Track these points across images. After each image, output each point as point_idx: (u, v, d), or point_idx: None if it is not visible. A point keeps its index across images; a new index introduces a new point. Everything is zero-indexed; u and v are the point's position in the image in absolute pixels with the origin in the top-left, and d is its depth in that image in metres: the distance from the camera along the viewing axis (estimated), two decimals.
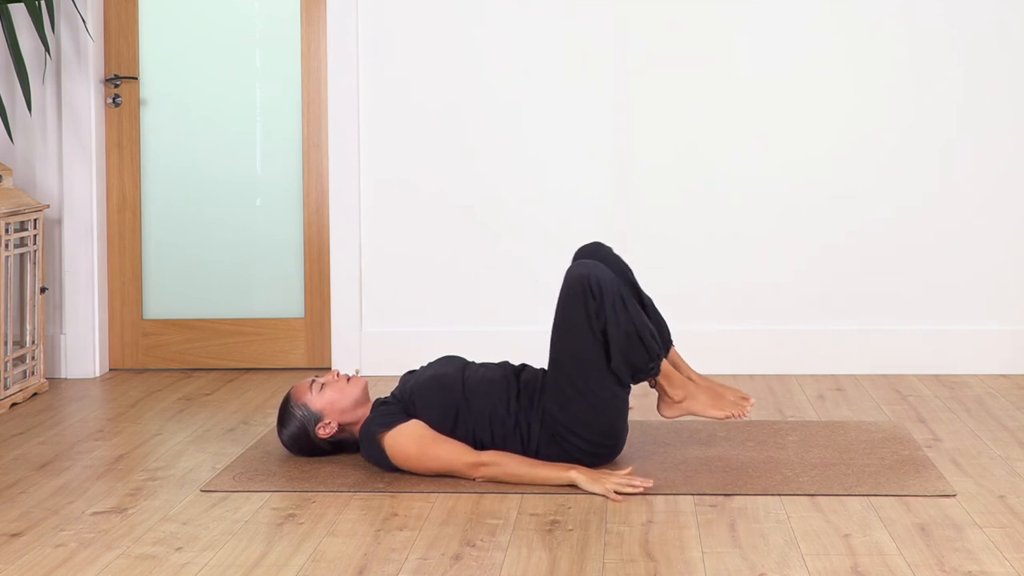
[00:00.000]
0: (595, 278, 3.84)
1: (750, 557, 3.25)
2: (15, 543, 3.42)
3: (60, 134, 5.58)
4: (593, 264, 3.89)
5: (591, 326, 3.84)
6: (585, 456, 3.95)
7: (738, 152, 5.53)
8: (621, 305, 3.85)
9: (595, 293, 3.83)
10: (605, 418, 3.91)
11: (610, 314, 3.83)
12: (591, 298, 3.84)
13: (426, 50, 5.57)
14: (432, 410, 3.97)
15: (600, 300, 3.83)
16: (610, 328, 3.84)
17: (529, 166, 5.57)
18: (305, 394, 4.08)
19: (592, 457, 3.96)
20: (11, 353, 5.13)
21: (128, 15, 5.68)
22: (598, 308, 3.84)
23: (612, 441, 3.97)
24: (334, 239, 5.60)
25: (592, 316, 3.84)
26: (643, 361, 3.89)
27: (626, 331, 3.84)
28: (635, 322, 3.85)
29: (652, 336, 3.90)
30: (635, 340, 3.85)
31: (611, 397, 3.91)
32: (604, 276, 3.86)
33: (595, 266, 3.88)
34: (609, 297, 3.84)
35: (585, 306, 3.84)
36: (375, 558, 3.27)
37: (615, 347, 3.85)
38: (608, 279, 3.86)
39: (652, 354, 3.90)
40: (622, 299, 3.86)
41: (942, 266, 5.51)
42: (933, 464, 4.04)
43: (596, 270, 3.86)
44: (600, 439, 3.93)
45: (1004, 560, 3.20)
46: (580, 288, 3.85)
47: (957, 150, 5.49)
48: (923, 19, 5.46)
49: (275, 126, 5.70)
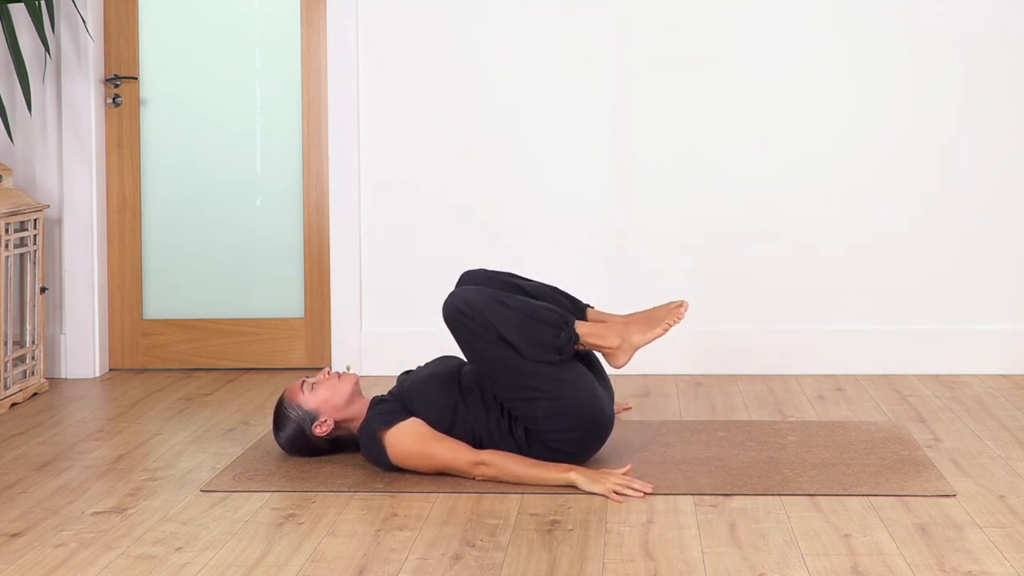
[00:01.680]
0: (460, 301, 3.91)
1: (750, 557, 3.25)
2: (15, 543, 3.42)
3: (60, 134, 5.58)
4: (453, 294, 3.95)
5: (487, 339, 3.88)
6: (574, 444, 3.93)
7: (738, 152, 5.53)
8: (498, 305, 3.89)
9: (468, 313, 3.89)
10: (567, 403, 3.89)
11: (493, 319, 3.87)
12: (468, 319, 3.89)
13: (426, 50, 5.57)
14: (430, 408, 3.97)
15: (477, 315, 3.88)
16: (502, 329, 3.87)
17: (529, 166, 5.57)
18: (298, 395, 4.08)
19: (582, 443, 3.94)
20: (11, 353, 5.14)
21: (128, 15, 5.68)
22: (480, 323, 3.88)
23: (590, 420, 3.92)
24: (334, 239, 5.60)
25: (481, 332, 3.88)
26: (551, 335, 3.89)
27: (516, 322, 3.87)
28: (520, 310, 3.89)
29: (547, 310, 3.92)
30: (530, 323, 3.88)
31: (557, 382, 3.89)
32: (467, 295, 3.92)
33: (454, 294, 3.94)
34: (481, 307, 3.88)
35: (469, 330, 3.89)
36: (375, 558, 3.27)
37: (517, 341, 3.87)
38: (472, 295, 3.91)
39: (555, 324, 3.90)
40: (496, 300, 3.90)
41: (942, 266, 5.51)
42: (933, 464, 4.04)
43: (456, 296, 3.93)
44: (576, 424, 3.91)
45: (1004, 560, 3.20)
46: (453, 319, 3.92)
47: (957, 150, 5.49)
48: (923, 19, 5.46)
49: (275, 126, 5.70)
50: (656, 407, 4.90)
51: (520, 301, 3.93)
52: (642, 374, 5.48)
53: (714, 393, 5.16)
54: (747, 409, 4.87)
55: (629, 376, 5.43)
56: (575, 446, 3.94)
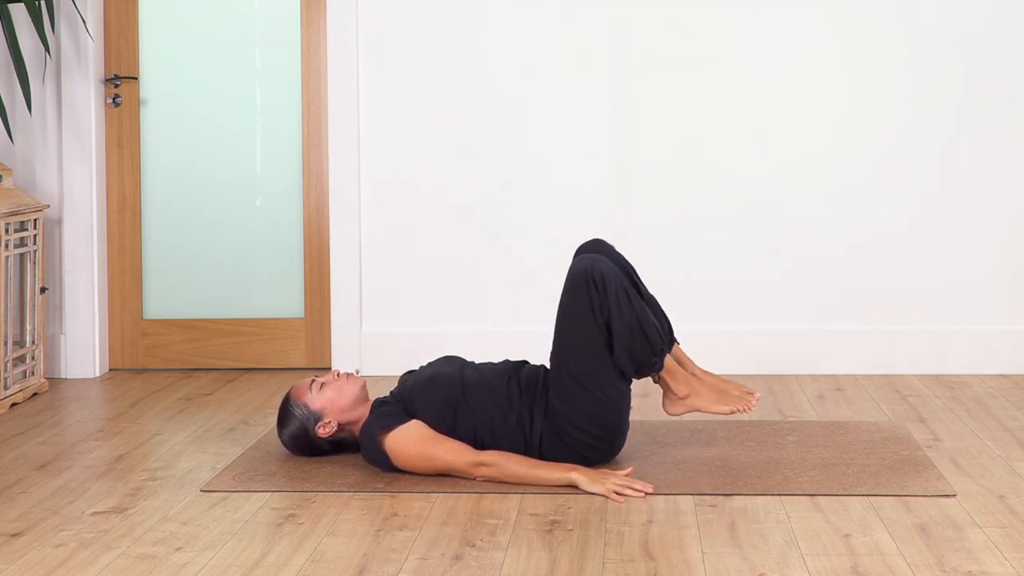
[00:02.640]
0: (599, 271, 3.86)
1: (750, 557, 3.25)
2: (15, 543, 3.42)
3: (60, 134, 5.58)
4: (597, 258, 3.90)
5: (595, 318, 3.86)
6: (587, 451, 3.95)
7: (738, 152, 5.53)
8: (625, 298, 3.86)
9: (599, 285, 3.85)
10: (608, 412, 3.92)
11: (614, 306, 3.85)
12: (595, 290, 3.85)
13: (426, 50, 5.57)
14: (432, 410, 3.97)
15: (604, 292, 3.85)
16: (614, 320, 3.85)
17: (529, 166, 5.57)
18: (305, 394, 4.08)
19: (593, 452, 3.96)
20: (11, 353, 5.13)
21: (128, 15, 5.68)
22: (601, 300, 3.85)
23: (614, 438, 3.97)
24: (334, 239, 5.60)
25: (596, 308, 3.85)
26: (646, 355, 3.89)
27: (630, 324, 3.85)
28: (638, 315, 3.87)
29: (656, 330, 3.91)
30: (638, 333, 3.86)
31: (614, 391, 3.91)
32: (608, 269, 3.87)
33: (599, 259, 3.90)
34: (612, 290, 3.85)
35: (589, 298, 3.85)
36: (375, 558, 3.27)
37: (618, 340, 3.86)
38: (611, 272, 3.87)
39: (655, 348, 3.90)
40: (626, 292, 3.87)
41: (942, 266, 5.51)
42: (933, 464, 4.04)
43: (600, 263, 3.88)
44: (603, 433, 3.93)
45: (1004, 560, 3.20)
46: (584, 280, 3.86)
47: (957, 150, 5.49)
48: (923, 19, 5.46)
49: (275, 126, 5.70)
50: (656, 407, 4.89)
51: (641, 308, 3.90)
52: None
53: None
54: None
55: None
56: (587, 450, 3.95)
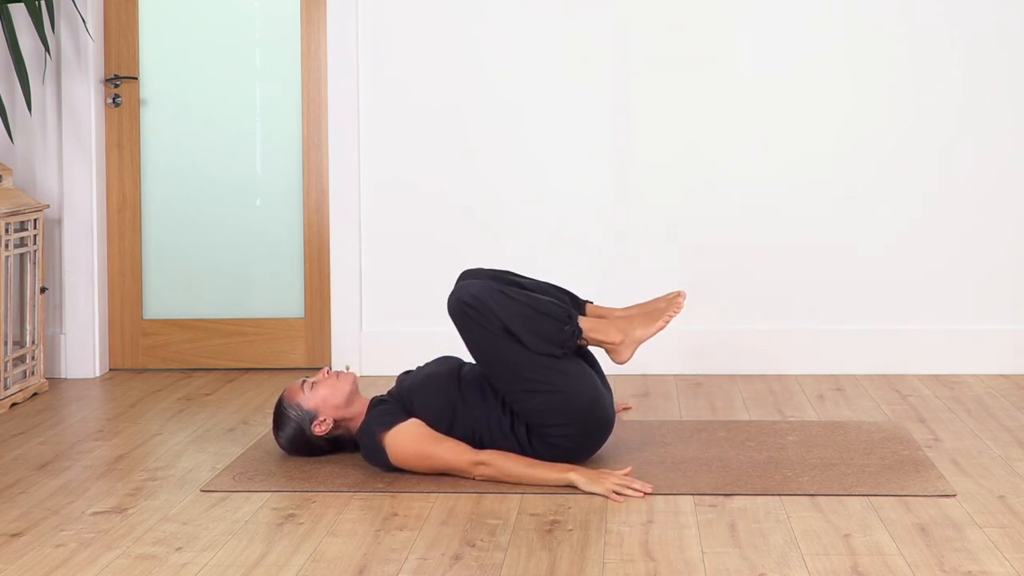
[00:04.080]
0: (465, 293, 3.91)
1: (750, 557, 3.25)
2: (15, 543, 3.42)
3: (60, 134, 5.58)
4: (457, 287, 3.97)
5: (491, 331, 3.89)
6: (575, 441, 3.93)
7: (738, 152, 5.53)
8: (503, 298, 3.91)
9: (473, 305, 3.89)
10: (568, 397, 3.90)
11: (498, 311, 3.88)
12: (473, 311, 3.89)
13: (426, 50, 5.57)
14: (429, 409, 3.97)
15: (481, 307, 3.89)
16: (507, 321, 3.88)
17: (529, 166, 5.57)
18: (297, 394, 4.09)
19: (583, 440, 3.94)
20: (11, 353, 5.14)
21: (128, 15, 5.68)
22: (485, 314, 3.89)
23: (590, 418, 3.93)
24: (334, 239, 5.60)
25: (485, 324, 3.89)
26: (556, 328, 3.91)
27: (521, 314, 3.89)
28: (526, 303, 3.91)
29: (551, 304, 3.94)
30: (536, 316, 3.90)
31: (560, 375, 3.91)
32: (471, 288, 3.92)
33: (459, 287, 3.96)
34: (486, 299, 3.89)
35: (474, 321, 3.90)
36: (375, 558, 3.27)
37: (522, 333, 3.88)
38: (477, 288, 3.92)
39: (560, 318, 3.92)
40: (501, 293, 3.91)
41: (942, 266, 5.51)
42: (933, 464, 4.04)
43: (461, 289, 3.94)
44: (577, 419, 3.91)
45: (1004, 560, 3.20)
46: (458, 311, 3.92)
47: (957, 150, 5.49)
48: (923, 19, 5.46)
49: (275, 126, 5.70)
50: (656, 407, 4.90)
51: (524, 295, 3.94)
52: (642, 374, 5.48)
53: (714, 393, 5.16)
54: (747, 409, 4.87)
55: (629, 376, 5.43)
56: (575, 442, 3.94)
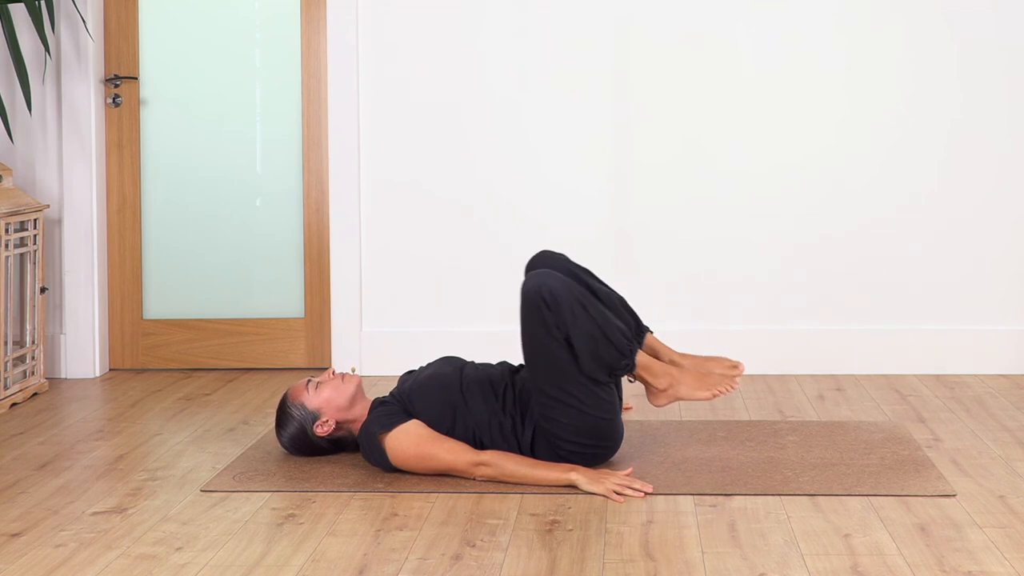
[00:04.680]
0: (547, 288, 3.81)
1: (750, 557, 3.25)
2: (15, 543, 3.42)
3: (60, 134, 5.58)
4: (544, 274, 3.86)
5: (554, 336, 3.82)
6: (583, 458, 3.94)
7: (738, 151, 5.53)
8: (580, 310, 3.82)
9: (550, 304, 3.81)
10: (595, 421, 3.90)
11: (570, 322, 3.80)
12: (547, 310, 3.81)
13: (426, 50, 5.57)
14: (431, 410, 3.97)
15: (557, 310, 3.81)
16: (572, 334, 3.81)
17: (529, 165, 5.57)
18: (302, 394, 4.09)
19: (590, 459, 3.95)
20: (11, 353, 5.13)
21: (128, 15, 5.68)
22: (556, 319, 3.81)
23: (607, 442, 3.96)
24: (334, 239, 5.60)
25: (552, 326, 3.82)
26: (615, 358, 3.86)
27: (590, 334, 3.82)
28: (598, 323, 3.83)
29: (620, 332, 3.87)
30: (602, 340, 3.83)
31: (595, 399, 3.89)
32: (555, 285, 3.82)
33: (546, 275, 3.85)
34: (566, 305, 3.81)
35: (543, 319, 3.82)
36: (375, 558, 3.27)
37: (581, 352, 3.82)
38: (560, 287, 3.82)
39: (623, 350, 3.87)
40: (580, 304, 3.82)
41: (942, 266, 5.51)
42: (933, 464, 4.04)
43: (548, 280, 3.83)
44: (595, 441, 3.93)
45: (1004, 560, 3.20)
46: (534, 302, 3.82)
47: (957, 149, 5.48)
48: (923, 18, 5.46)
49: (275, 126, 5.70)
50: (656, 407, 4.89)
51: (600, 313, 3.85)
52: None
53: None
54: (747, 409, 4.87)
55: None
56: (582, 459, 3.94)
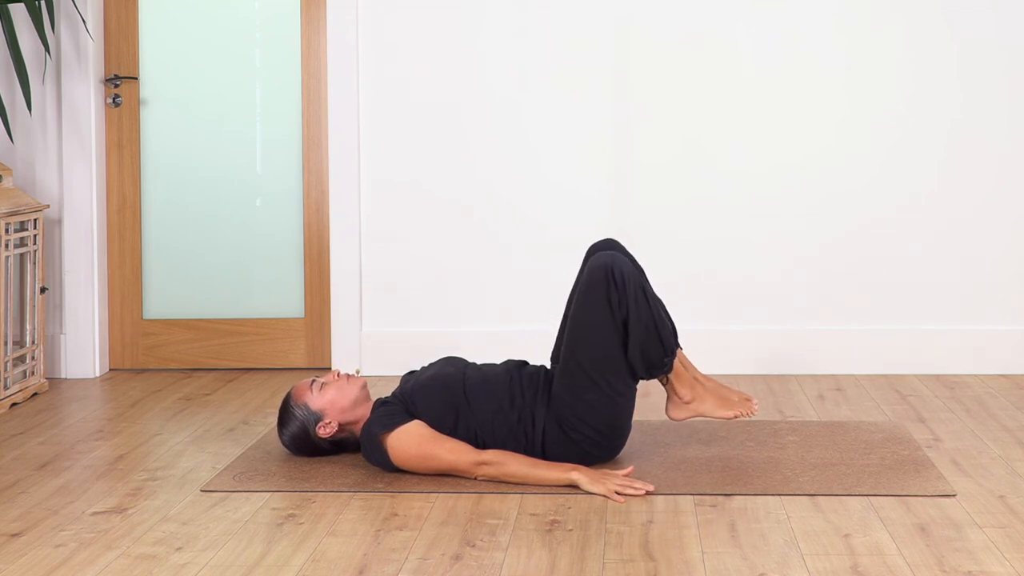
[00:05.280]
0: (619, 269, 3.88)
1: (750, 557, 3.25)
2: (15, 543, 3.42)
3: (60, 134, 5.58)
4: (616, 255, 3.93)
5: (612, 315, 3.87)
6: (590, 446, 3.95)
7: (738, 151, 5.53)
8: (643, 297, 3.89)
9: (618, 283, 3.87)
10: (613, 408, 3.93)
11: (631, 305, 3.87)
12: (614, 287, 3.87)
13: (426, 50, 5.57)
14: (433, 410, 3.97)
15: (623, 290, 3.87)
16: (631, 319, 3.87)
17: (529, 165, 5.57)
18: (305, 394, 4.09)
19: (596, 449, 3.97)
20: (11, 353, 5.13)
21: (128, 15, 5.68)
22: (620, 298, 3.87)
23: (618, 436, 3.98)
24: (334, 239, 5.60)
25: (614, 305, 3.87)
26: (658, 356, 3.92)
27: (646, 324, 3.88)
28: (654, 316, 3.89)
29: (669, 331, 3.94)
30: (653, 334, 3.89)
31: (623, 387, 3.93)
32: (627, 268, 3.90)
33: (618, 257, 3.92)
34: (631, 288, 3.87)
35: (607, 295, 3.87)
36: (375, 558, 3.27)
37: (633, 338, 3.88)
38: (630, 271, 3.90)
39: (668, 350, 3.93)
40: (643, 291, 3.90)
41: (942, 266, 5.51)
42: (933, 464, 4.04)
43: (620, 261, 3.90)
44: (607, 431, 3.94)
45: (1004, 560, 3.20)
46: (604, 277, 3.88)
47: (957, 149, 5.48)
48: (923, 18, 5.46)
49: (275, 126, 5.70)
50: (656, 407, 4.90)
51: (657, 309, 3.92)
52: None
53: None
54: None
55: None
56: (589, 448, 3.96)
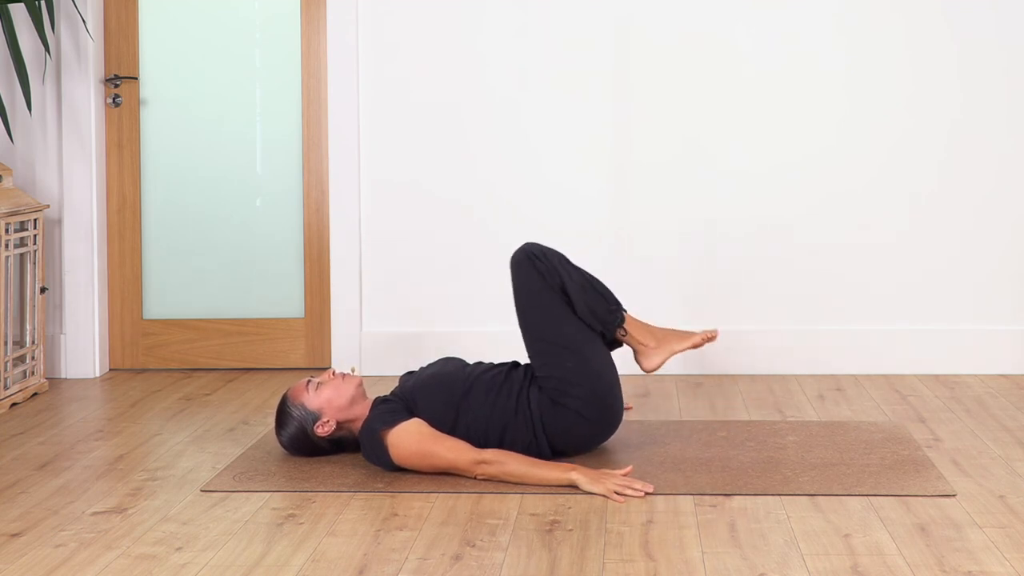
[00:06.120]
0: (535, 248, 4.16)
1: (750, 557, 3.25)
2: (15, 543, 3.42)
3: (60, 134, 5.58)
4: (527, 243, 4.15)
5: (548, 284, 4.08)
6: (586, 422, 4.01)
7: (738, 151, 5.53)
8: (568, 264, 4.13)
9: (539, 256, 4.10)
10: (593, 368, 4.03)
11: (560, 269, 4.10)
12: (538, 261, 4.10)
13: (426, 50, 5.57)
14: (433, 408, 3.98)
15: (546, 261, 4.09)
16: (565, 281, 4.09)
17: (529, 165, 5.57)
18: (302, 394, 4.09)
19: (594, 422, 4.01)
20: (11, 353, 5.13)
21: (128, 15, 5.68)
22: (547, 267, 4.09)
23: (607, 402, 4.04)
24: (334, 239, 5.60)
25: (546, 275, 4.08)
26: (604, 308, 4.11)
27: (580, 283, 4.10)
28: (584, 276, 4.12)
29: (606, 288, 4.15)
30: (591, 290, 4.11)
31: (593, 348, 4.08)
32: (541, 246, 4.14)
33: (528, 243, 4.16)
34: (554, 257, 4.12)
35: (536, 270, 4.09)
36: (375, 558, 3.27)
37: (575, 297, 4.08)
38: (546, 247, 4.14)
39: (610, 300, 4.14)
40: (566, 259, 4.14)
41: (942, 266, 5.51)
42: (933, 464, 4.04)
43: (530, 244, 4.15)
44: (596, 394, 4.02)
45: (1004, 560, 3.20)
46: (524, 258, 4.11)
47: (957, 149, 5.48)
48: (923, 18, 5.46)
49: (275, 126, 5.70)
50: (656, 407, 4.90)
51: (584, 272, 4.15)
52: (642, 374, 5.47)
53: (714, 393, 5.16)
54: (747, 409, 4.87)
55: (629, 376, 5.42)
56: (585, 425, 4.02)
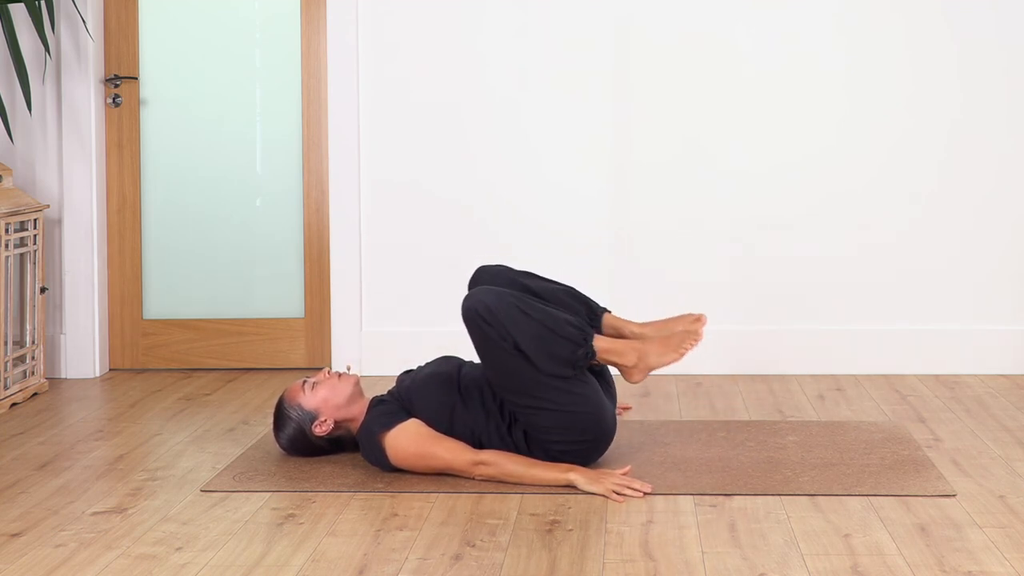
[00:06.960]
0: (481, 305, 3.85)
1: (750, 557, 3.25)
2: (15, 543, 3.42)
3: (60, 134, 5.58)
4: (476, 292, 3.90)
5: (503, 347, 3.84)
6: (576, 456, 3.94)
7: (738, 151, 5.53)
8: (519, 314, 3.84)
9: (488, 319, 3.84)
10: (575, 417, 3.89)
11: (512, 328, 3.83)
12: (486, 324, 3.84)
13: (426, 50, 5.57)
14: (430, 409, 3.97)
15: (495, 321, 3.83)
16: (520, 340, 3.83)
17: (529, 165, 5.57)
18: (298, 395, 4.09)
19: (583, 455, 3.95)
20: (11, 353, 5.13)
21: (128, 15, 5.68)
22: (499, 331, 3.84)
23: (595, 435, 3.93)
24: (334, 239, 5.60)
25: (498, 339, 3.84)
26: (569, 351, 3.85)
27: (535, 334, 3.83)
28: (542, 322, 3.84)
29: (568, 324, 3.88)
30: (549, 337, 3.84)
31: (569, 396, 3.88)
32: (488, 298, 3.86)
33: (479, 292, 3.89)
34: (502, 314, 3.83)
35: (486, 334, 3.85)
36: (375, 558, 3.27)
37: (534, 354, 3.83)
38: (493, 299, 3.86)
39: (575, 340, 3.86)
40: (517, 308, 3.84)
41: (942, 266, 5.51)
42: (933, 464, 4.04)
43: (480, 296, 3.87)
44: (582, 437, 3.91)
45: (1004, 560, 3.20)
46: (472, 321, 3.86)
47: (957, 149, 5.48)
48: (923, 18, 5.46)
49: (275, 126, 5.70)
50: (656, 407, 4.90)
51: (542, 312, 3.87)
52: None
53: (714, 393, 5.16)
54: (747, 409, 4.87)
55: None
56: (576, 456, 3.94)
